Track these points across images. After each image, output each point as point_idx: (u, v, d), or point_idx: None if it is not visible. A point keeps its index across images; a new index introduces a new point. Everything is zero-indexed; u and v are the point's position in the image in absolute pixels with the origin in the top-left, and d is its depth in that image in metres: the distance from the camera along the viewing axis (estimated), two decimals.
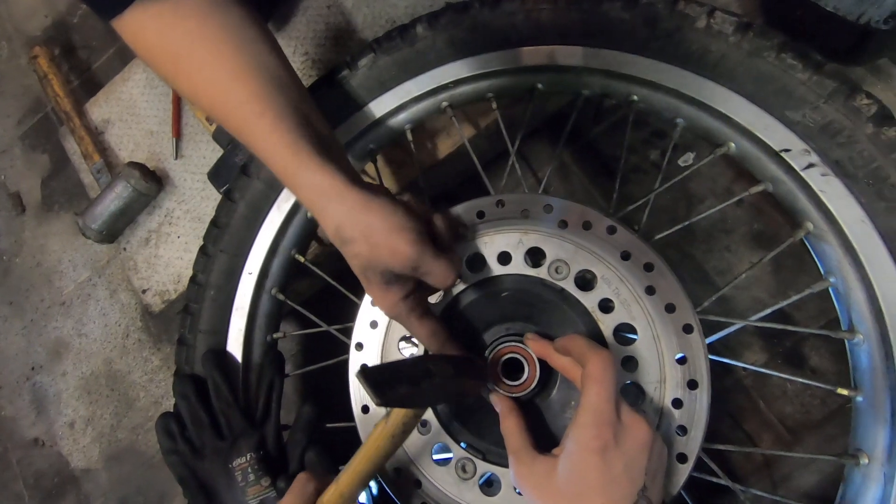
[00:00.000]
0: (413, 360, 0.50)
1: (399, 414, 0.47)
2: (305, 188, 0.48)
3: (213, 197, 0.95)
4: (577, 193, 0.83)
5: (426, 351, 0.55)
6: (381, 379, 0.40)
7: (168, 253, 0.96)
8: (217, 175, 0.88)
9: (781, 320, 0.73)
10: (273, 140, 0.48)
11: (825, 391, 0.70)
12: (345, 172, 0.47)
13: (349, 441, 0.57)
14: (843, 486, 0.52)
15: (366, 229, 0.45)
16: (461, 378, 0.48)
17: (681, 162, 0.81)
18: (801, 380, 0.60)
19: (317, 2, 0.95)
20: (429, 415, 0.54)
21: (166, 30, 0.49)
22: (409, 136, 0.70)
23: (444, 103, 0.67)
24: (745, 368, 0.72)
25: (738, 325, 0.57)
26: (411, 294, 0.48)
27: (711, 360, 0.49)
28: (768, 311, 0.56)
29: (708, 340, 0.55)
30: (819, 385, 0.52)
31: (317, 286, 0.91)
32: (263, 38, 0.52)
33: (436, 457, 0.54)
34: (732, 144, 0.58)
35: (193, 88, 0.51)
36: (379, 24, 0.91)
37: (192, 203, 0.97)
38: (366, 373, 0.39)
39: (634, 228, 0.60)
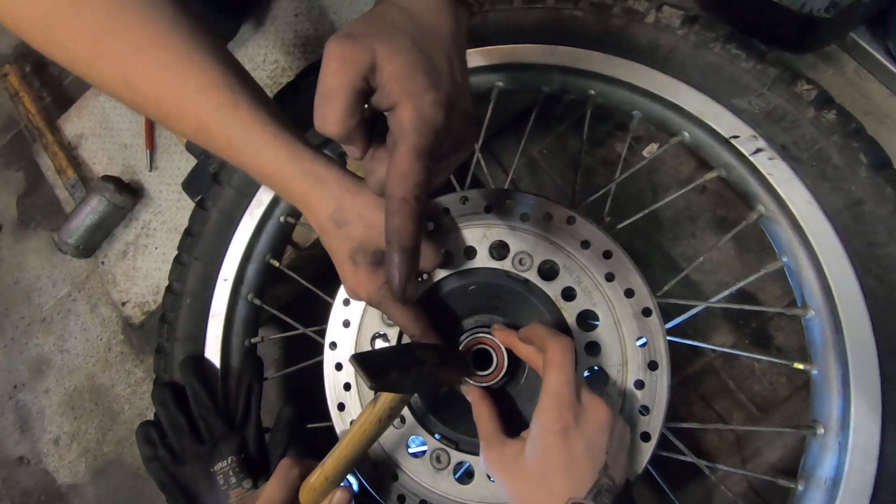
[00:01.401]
0: (402, 348, 0.50)
1: (387, 398, 0.48)
2: (299, 179, 0.45)
3: (189, 207, 0.95)
4: (547, 187, 0.85)
5: (399, 340, 0.56)
6: (373, 364, 0.41)
7: (146, 264, 0.97)
8: (191, 185, 0.89)
9: (748, 301, 0.75)
10: (254, 134, 0.44)
11: (792, 369, 0.73)
12: (330, 158, 0.46)
13: (331, 440, 0.58)
14: (804, 456, 0.54)
15: (362, 210, 0.44)
16: (446, 367, 0.49)
17: (645, 153, 0.84)
18: (761, 357, 0.62)
19: (285, 10, 0.96)
20: (403, 409, 0.56)
21: (73, 7, 0.42)
22: None
23: None
24: (713, 350, 0.75)
25: (700, 306, 0.59)
26: None
27: (679, 344, 0.51)
28: (726, 292, 0.58)
29: (672, 323, 0.58)
30: (777, 361, 0.55)
31: (296, 291, 0.92)
32: (196, 18, 0.45)
33: (411, 450, 0.55)
34: (686, 133, 0.60)
35: (125, 77, 0.43)
36: None
37: (169, 214, 0.98)
38: (359, 359, 0.40)
39: (606, 219, 0.62)
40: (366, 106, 0.37)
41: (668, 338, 0.55)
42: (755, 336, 0.75)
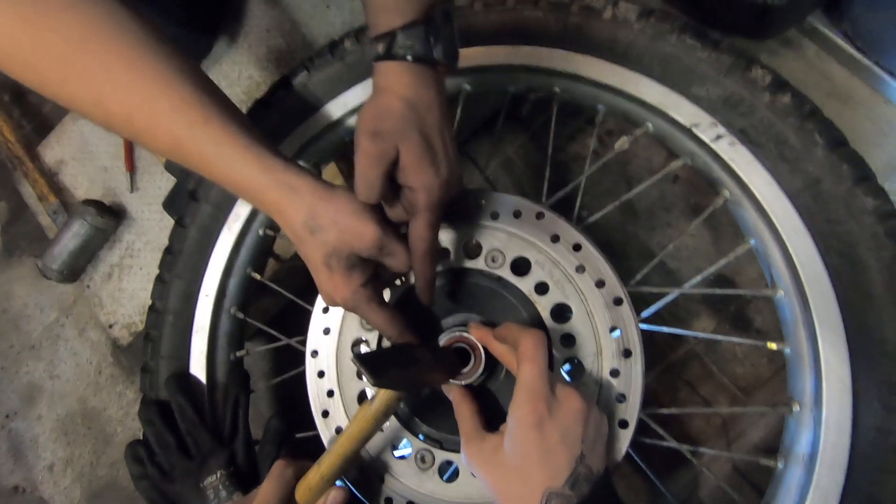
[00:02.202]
0: (399, 347, 0.52)
1: (384, 396, 0.49)
2: (273, 189, 0.47)
3: (171, 226, 0.96)
4: (524, 185, 0.86)
5: (378, 345, 0.57)
6: (375, 363, 0.44)
7: (132, 285, 0.97)
8: (172, 204, 0.90)
9: (726, 285, 0.76)
10: (226, 147, 0.46)
11: (773, 349, 0.74)
12: (302, 168, 0.49)
13: (319, 449, 0.58)
14: (783, 434, 0.55)
15: (335, 215, 0.46)
16: (438, 366, 0.51)
17: (617, 146, 0.85)
18: (735, 339, 0.63)
19: (257, 27, 0.97)
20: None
21: (38, 29, 0.42)
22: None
23: None
24: (691, 336, 0.75)
25: (674, 293, 0.60)
26: (370, 281, 0.50)
27: (660, 332, 0.51)
28: (698, 277, 0.59)
29: (648, 311, 0.58)
30: (752, 342, 0.55)
31: (282, 302, 0.92)
32: (165, 37, 0.47)
33: (396, 452, 0.56)
34: (650, 124, 0.61)
35: (96, 97, 0.45)
36: (318, 43, 0.93)
37: (152, 234, 0.98)
38: (362, 357, 0.43)
39: (583, 212, 0.63)
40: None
41: (644, 326, 0.56)
42: (735, 319, 0.76)
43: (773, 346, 0.55)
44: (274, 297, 0.89)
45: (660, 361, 0.77)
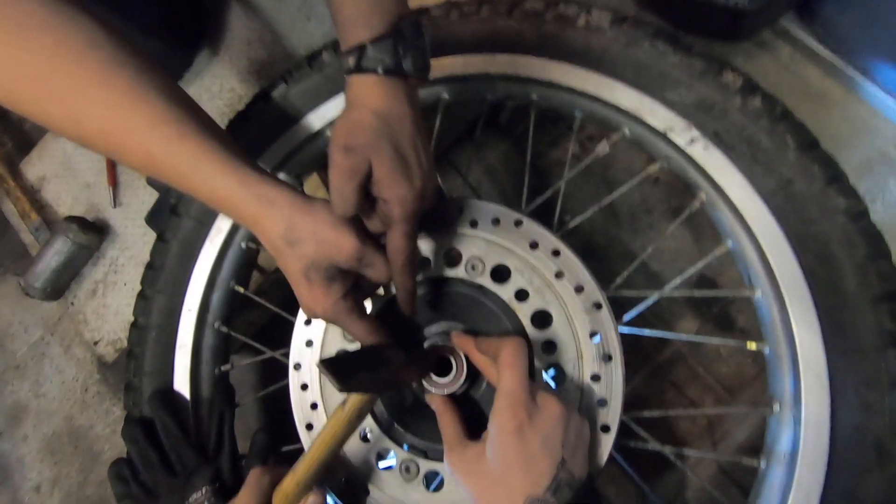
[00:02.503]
0: (369, 349, 0.51)
1: (356, 399, 0.49)
2: (251, 203, 0.47)
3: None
4: (507, 191, 0.86)
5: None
6: (341, 367, 0.42)
7: (116, 301, 0.96)
8: (155, 218, 0.89)
9: (708, 286, 0.77)
10: (203, 162, 0.46)
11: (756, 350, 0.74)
12: (280, 181, 0.49)
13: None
14: (765, 434, 0.55)
15: (313, 227, 0.46)
16: (412, 364, 0.51)
17: (598, 150, 0.85)
18: (717, 340, 0.63)
19: (238, 39, 0.97)
20: (370, 422, 0.56)
21: (9, 48, 0.43)
22: None
23: None
24: (672, 338, 0.76)
25: (654, 296, 0.60)
26: (350, 292, 0.50)
27: (642, 336, 0.52)
28: (678, 280, 0.59)
29: (630, 315, 0.59)
30: (733, 343, 0.56)
31: (268, 315, 0.92)
32: (139, 53, 0.47)
33: (381, 463, 0.56)
34: (626, 129, 0.62)
35: (70, 115, 0.45)
36: (299, 55, 0.94)
37: (136, 249, 0.98)
38: (327, 363, 0.42)
39: (566, 217, 0.63)
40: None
41: (627, 329, 0.56)
42: (718, 320, 0.76)
43: (752, 345, 0.56)
44: (260, 310, 0.89)
45: (646, 364, 0.78)
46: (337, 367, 0.42)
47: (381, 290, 0.58)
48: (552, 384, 0.54)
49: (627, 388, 0.51)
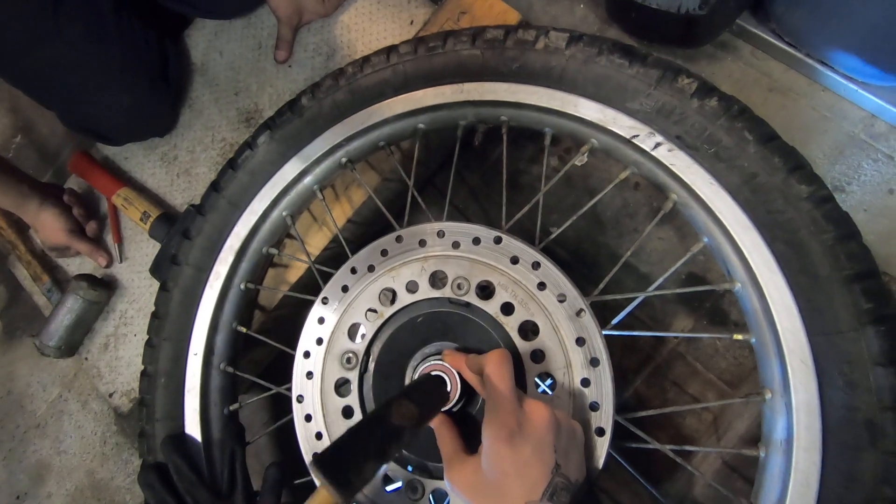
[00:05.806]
0: (373, 418, 0.41)
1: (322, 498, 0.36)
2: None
3: None
4: (490, 210, 0.89)
5: (360, 383, 0.59)
6: (341, 463, 0.33)
7: (128, 353, 0.99)
8: (158, 268, 0.93)
9: (698, 282, 0.78)
10: None
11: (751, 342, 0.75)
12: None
13: None
14: (762, 423, 0.56)
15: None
16: (425, 412, 0.44)
17: (577, 162, 0.88)
18: (706, 335, 0.64)
19: (224, 92, 1.02)
20: None
21: None
22: (320, 195, 0.75)
23: (343, 159, 0.73)
24: (666, 337, 0.77)
25: (639, 297, 0.62)
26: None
27: (639, 336, 0.53)
28: (661, 279, 0.61)
29: (618, 318, 0.60)
30: (720, 336, 0.57)
31: (273, 352, 0.94)
32: None
33: (388, 487, 0.57)
34: (594, 140, 0.64)
35: None
36: (284, 100, 0.98)
37: (143, 301, 1.01)
38: (322, 462, 0.32)
39: (551, 229, 0.65)
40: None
41: (615, 332, 0.58)
42: (711, 315, 0.77)
43: (738, 336, 0.57)
44: (264, 348, 0.91)
45: (646, 365, 0.79)
46: (335, 466, 0.32)
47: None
48: (549, 392, 0.55)
49: (629, 391, 0.52)
